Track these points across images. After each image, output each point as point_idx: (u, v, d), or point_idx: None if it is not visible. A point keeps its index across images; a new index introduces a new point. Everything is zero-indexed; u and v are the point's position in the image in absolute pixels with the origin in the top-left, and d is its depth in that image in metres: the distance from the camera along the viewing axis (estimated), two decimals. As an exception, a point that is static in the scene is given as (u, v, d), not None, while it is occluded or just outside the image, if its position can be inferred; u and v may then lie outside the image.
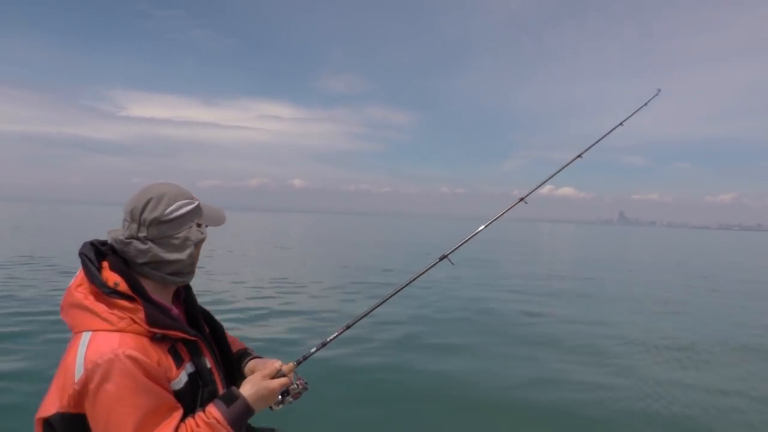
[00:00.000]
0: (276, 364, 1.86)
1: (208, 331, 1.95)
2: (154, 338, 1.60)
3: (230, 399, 1.66)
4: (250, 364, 2.01)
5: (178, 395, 1.61)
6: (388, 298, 2.29)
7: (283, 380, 1.80)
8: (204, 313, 1.99)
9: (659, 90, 3.46)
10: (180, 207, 1.72)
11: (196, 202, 1.79)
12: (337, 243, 37.10)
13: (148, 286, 1.68)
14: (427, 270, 2.41)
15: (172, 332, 1.63)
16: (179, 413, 1.56)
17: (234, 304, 11.32)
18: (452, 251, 2.52)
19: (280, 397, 1.84)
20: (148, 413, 1.48)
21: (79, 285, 1.62)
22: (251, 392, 1.70)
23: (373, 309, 2.25)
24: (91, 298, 1.58)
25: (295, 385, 1.87)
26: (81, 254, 1.67)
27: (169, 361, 1.62)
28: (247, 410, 1.67)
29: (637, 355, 8.13)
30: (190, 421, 1.58)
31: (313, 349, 2.07)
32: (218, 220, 1.87)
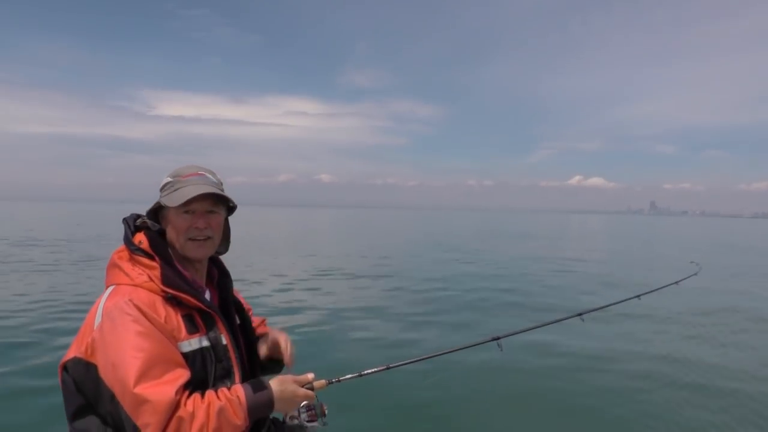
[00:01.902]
0: (309, 376, 1.81)
1: (239, 321, 1.99)
2: (166, 298, 1.68)
3: (259, 387, 1.66)
4: (264, 338, 2.11)
5: (187, 360, 1.63)
6: (430, 357, 2.27)
7: (309, 393, 1.77)
8: (237, 303, 2.03)
9: (699, 270, 3.58)
10: (165, 180, 1.87)
11: (167, 180, 1.86)
12: (377, 237, 38.04)
13: (176, 257, 1.82)
14: (475, 345, 2.37)
15: (184, 296, 1.70)
16: (186, 374, 1.58)
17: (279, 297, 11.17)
18: (505, 336, 2.39)
19: (296, 411, 1.86)
20: (152, 357, 1.52)
21: (121, 249, 1.79)
22: (278, 389, 1.68)
23: (417, 360, 2.24)
24: (123, 258, 1.75)
25: (317, 404, 1.85)
26: (124, 220, 1.87)
27: (179, 323, 1.67)
28: (269, 404, 1.66)
29: None
30: (211, 392, 1.61)
31: (348, 375, 2.01)
32: (174, 200, 1.79)
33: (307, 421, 1.86)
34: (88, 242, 24.79)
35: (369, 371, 2.07)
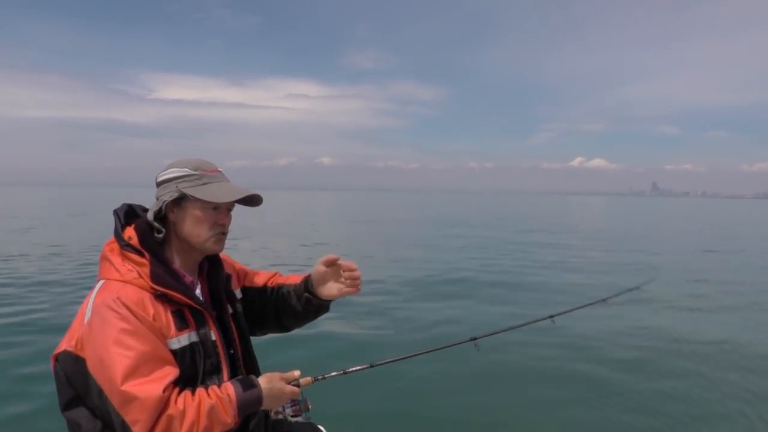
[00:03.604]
0: (296, 373, 1.86)
1: (231, 311, 1.97)
2: (156, 295, 1.66)
3: (248, 385, 1.69)
4: (314, 273, 2.08)
5: (176, 357, 1.65)
6: (417, 355, 2.33)
7: (295, 390, 1.81)
8: (230, 294, 2.01)
9: (656, 275, 3.96)
10: (171, 172, 1.80)
11: (189, 172, 1.79)
12: (383, 222, 36.67)
13: (173, 248, 1.82)
14: (453, 345, 2.47)
15: (173, 293, 1.68)
16: (174, 371, 1.60)
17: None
18: (482, 337, 2.52)
19: (281, 406, 1.89)
20: (141, 356, 1.53)
21: (112, 241, 1.77)
22: (266, 387, 1.72)
23: (402, 358, 2.30)
24: (114, 251, 1.73)
25: (301, 400, 1.89)
26: (114, 212, 1.81)
27: (168, 321, 1.67)
28: (258, 402, 1.70)
29: None
30: (202, 390, 1.63)
31: (333, 373, 2.04)
32: (217, 196, 1.78)
33: (292, 416, 1.93)
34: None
35: (353, 369, 2.13)
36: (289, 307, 2.12)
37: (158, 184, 1.82)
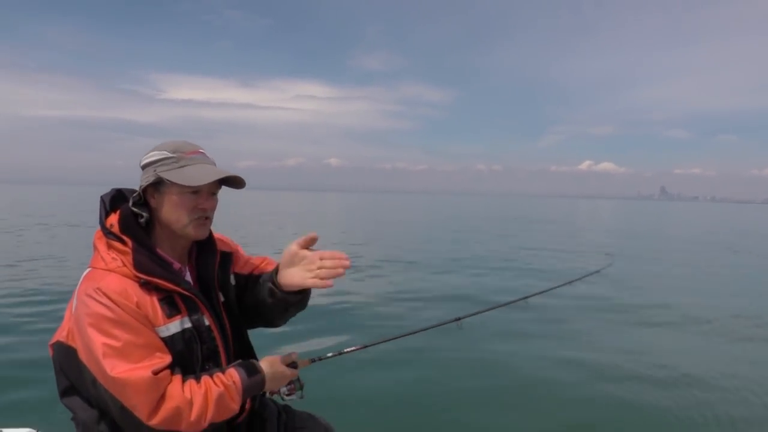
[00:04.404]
0: (293, 355, 1.90)
1: (222, 299, 1.90)
2: (141, 283, 1.62)
3: (252, 371, 1.72)
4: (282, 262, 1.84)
5: (167, 344, 1.62)
6: (401, 336, 2.48)
7: (294, 372, 1.87)
8: (223, 282, 1.93)
9: (612, 261, 4.32)
10: (151, 156, 1.73)
11: (167, 154, 1.71)
12: (382, 222, 36.85)
13: (158, 234, 1.76)
14: (439, 325, 2.62)
15: (158, 281, 1.63)
16: (166, 357, 1.58)
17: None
18: (466, 316, 2.72)
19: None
20: (127, 344, 1.52)
21: (99, 230, 1.73)
22: (269, 371, 1.77)
23: (394, 338, 2.43)
24: (101, 239, 1.69)
25: (296, 381, 1.93)
26: (100, 198, 1.76)
27: (155, 308, 1.62)
28: (261, 386, 1.74)
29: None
30: (207, 377, 1.63)
31: (329, 354, 2.10)
32: (192, 179, 1.68)
33: (287, 395, 1.94)
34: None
35: (348, 350, 2.20)
36: (262, 299, 1.89)
37: (142, 168, 1.75)
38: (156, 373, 1.51)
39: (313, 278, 1.72)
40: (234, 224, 26.23)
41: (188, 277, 1.84)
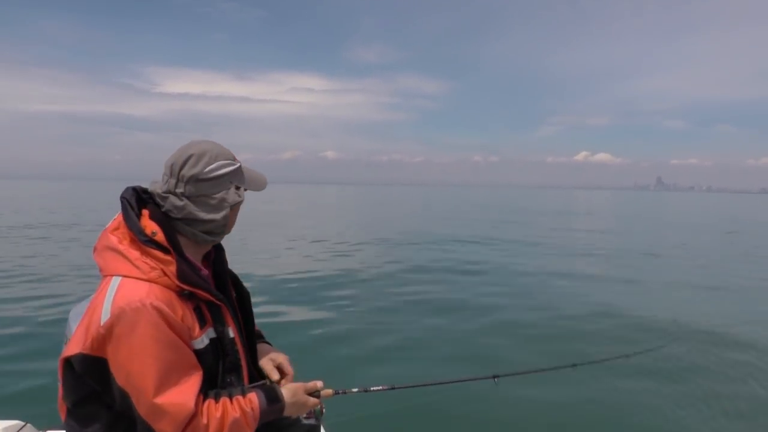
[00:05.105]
0: (318, 384, 1.86)
1: (234, 296, 1.92)
2: (181, 294, 1.58)
3: (273, 398, 1.69)
4: (261, 347, 2.00)
5: (198, 356, 1.59)
6: (432, 384, 2.42)
7: (316, 402, 1.83)
8: (232, 276, 1.95)
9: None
10: (220, 167, 1.67)
11: (238, 164, 1.73)
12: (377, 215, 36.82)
13: (182, 241, 1.66)
14: (473, 379, 2.54)
15: (199, 291, 1.61)
16: (200, 374, 1.56)
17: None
18: (505, 375, 2.57)
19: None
20: (171, 366, 1.48)
21: (116, 229, 1.61)
22: (291, 401, 1.73)
23: (422, 385, 2.39)
24: (126, 243, 1.57)
25: (318, 409, 1.89)
26: (122, 198, 1.65)
27: (193, 320, 1.60)
28: (279, 414, 1.71)
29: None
30: (226, 400, 1.59)
31: (354, 389, 2.08)
32: (259, 185, 1.83)
33: (305, 418, 1.94)
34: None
35: (375, 388, 2.17)
36: None
37: (203, 180, 1.65)
38: (196, 404, 1.50)
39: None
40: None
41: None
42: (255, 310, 2.02)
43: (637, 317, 8.40)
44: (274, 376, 1.86)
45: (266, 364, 1.91)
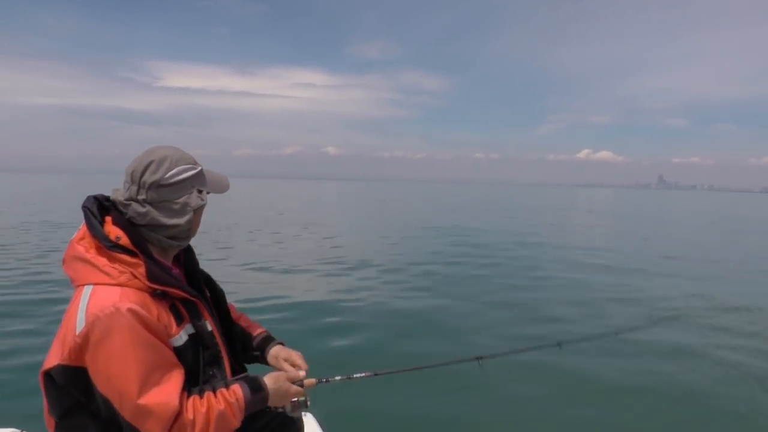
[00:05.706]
0: (301, 373, 1.88)
1: (209, 294, 1.94)
2: (154, 294, 1.58)
3: (256, 387, 1.69)
4: (275, 350, 2.05)
5: (178, 353, 1.60)
6: (415, 369, 2.36)
7: (300, 390, 1.83)
8: (205, 276, 1.97)
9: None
10: (181, 172, 1.68)
11: (199, 168, 1.74)
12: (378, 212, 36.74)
13: (148, 247, 1.67)
14: (457, 362, 2.48)
15: (171, 289, 1.62)
16: (182, 372, 1.56)
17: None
18: (487, 357, 2.50)
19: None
20: (151, 367, 1.48)
21: (82, 238, 1.61)
22: (273, 388, 1.73)
23: (405, 370, 2.33)
24: (92, 251, 1.57)
25: (302, 399, 1.88)
26: (84, 207, 1.65)
27: (169, 318, 1.61)
28: (264, 403, 1.71)
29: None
30: (210, 394, 1.60)
31: (338, 377, 2.08)
32: (221, 187, 1.85)
33: (291, 410, 1.91)
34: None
35: (358, 375, 2.17)
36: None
37: (165, 185, 1.66)
38: (180, 401, 1.51)
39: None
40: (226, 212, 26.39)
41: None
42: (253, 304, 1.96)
43: (626, 300, 9.04)
44: (300, 374, 1.89)
45: (283, 365, 1.97)
